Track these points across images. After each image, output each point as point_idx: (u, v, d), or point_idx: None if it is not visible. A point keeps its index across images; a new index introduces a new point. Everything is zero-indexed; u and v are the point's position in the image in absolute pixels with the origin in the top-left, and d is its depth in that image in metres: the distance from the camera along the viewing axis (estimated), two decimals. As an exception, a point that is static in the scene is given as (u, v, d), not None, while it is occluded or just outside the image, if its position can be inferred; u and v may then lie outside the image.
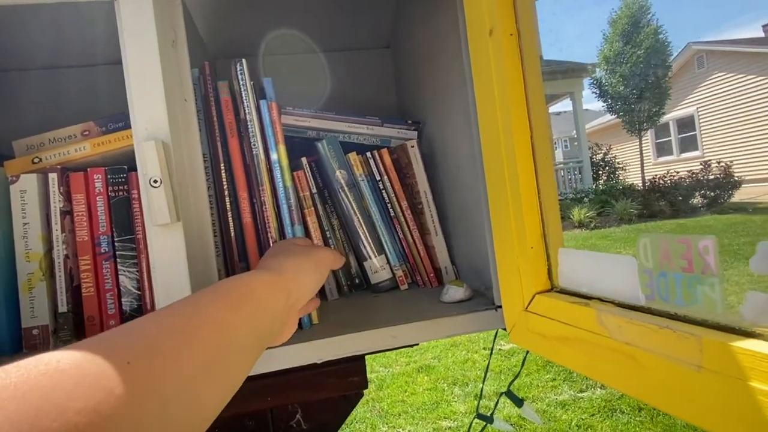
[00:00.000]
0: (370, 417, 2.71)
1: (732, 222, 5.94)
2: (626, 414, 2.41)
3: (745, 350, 0.25)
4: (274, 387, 0.66)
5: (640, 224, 7.29)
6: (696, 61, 13.17)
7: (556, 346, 0.42)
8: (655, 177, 12.70)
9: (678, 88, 13.14)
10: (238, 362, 0.32)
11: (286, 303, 0.39)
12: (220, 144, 0.59)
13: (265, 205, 0.57)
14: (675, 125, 13.89)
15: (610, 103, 12.72)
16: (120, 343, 0.24)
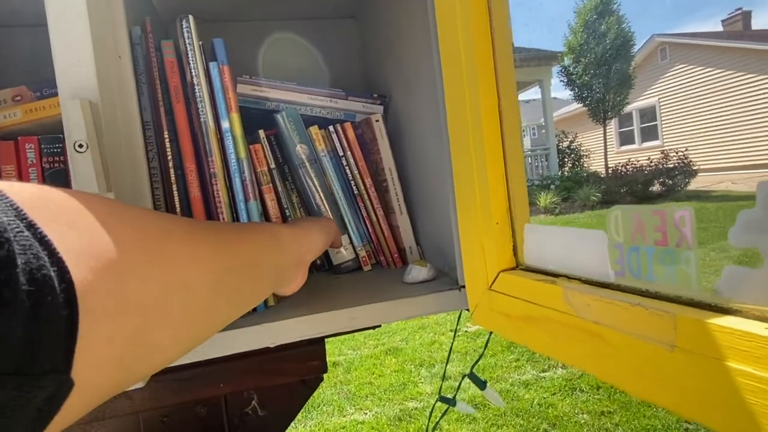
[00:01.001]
0: (337, 399, 2.71)
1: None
2: (585, 392, 2.50)
3: (722, 328, 0.23)
4: (228, 373, 0.62)
5: (602, 210, 7.52)
6: (659, 52, 13.56)
7: (520, 326, 0.39)
8: (618, 165, 13.12)
9: (641, 78, 13.52)
10: (259, 289, 0.36)
11: (299, 251, 0.43)
12: (164, 110, 0.54)
13: (215, 178, 0.53)
14: (637, 115, 14.33)
15: (577, 91, 12.99)
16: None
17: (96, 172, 0.38)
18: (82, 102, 0.39)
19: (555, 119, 14.72)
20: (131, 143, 0.45)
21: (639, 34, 16.45)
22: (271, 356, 0.64)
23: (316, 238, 0.47)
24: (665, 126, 13.51)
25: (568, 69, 12.96)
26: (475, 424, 2.29)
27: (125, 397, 0.59)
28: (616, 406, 2.33)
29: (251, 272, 0.34)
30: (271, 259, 0.38)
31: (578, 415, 2.30)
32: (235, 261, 0.32)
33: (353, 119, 0.74)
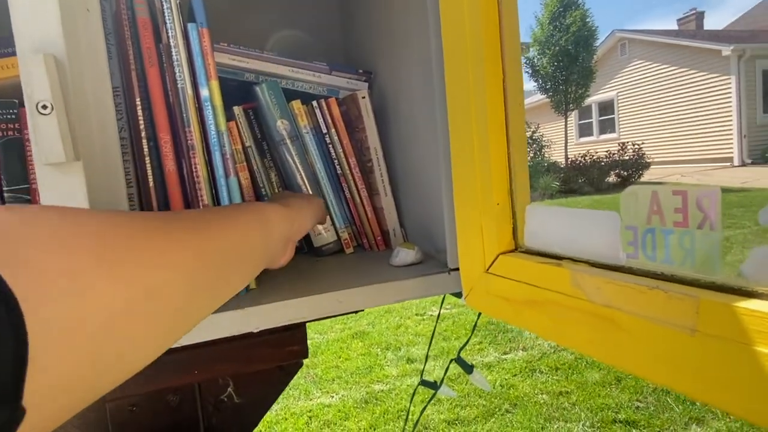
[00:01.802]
0: (303, 383, 2.69)
1: (641, 199, 6.48)
2: (545, 373, 2.59)
3: (750, 311, 0.22)
4: (202, 359, 0.59)
5: (561, 199, 7.77)
6: (619, 47, 13.99)
7: (520, 309, 0.39)
8: (577, 156, 13.55)
9: (602, 72, 13.94)
10: (244, 274, 0.36)
11: (290, 230, 0.43)
12: (136, 75, 0.49)
13: (193, 150, 0.49)
14: (597, 108, 14.80)
15: (541, 83, 13.26)
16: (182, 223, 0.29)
17: (62, 136, 0.34)
18: (46, 57, 0.34)
19: (519, 109, 14.90)
20: (101, 107, 0.40)
21: (601, 28, 16.99)
22: (249, 342, 0.61)
23: (306, 219, 0.47)
24: (622, 119, 14.03)
25: (533, 60, 13.19)
26: (440, 405, 2.34)
27: (90, 386, 0.55)
28: (573, 387, 2.43)
29: (235, 259, 0.33)
30: (258, 242, 0.37)
31: (538, 395, 2.38)
32: (217, 251, 0.31)
33: (336, 95, 0.71)
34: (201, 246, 0.29)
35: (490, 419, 2.21)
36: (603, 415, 2.15)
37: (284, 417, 2.37)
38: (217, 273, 0.30)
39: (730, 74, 10.57)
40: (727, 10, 47.35)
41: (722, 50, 10.55)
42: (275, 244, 0.40)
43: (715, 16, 50.77)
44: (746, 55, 10.37)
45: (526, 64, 13.40)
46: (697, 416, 2.10)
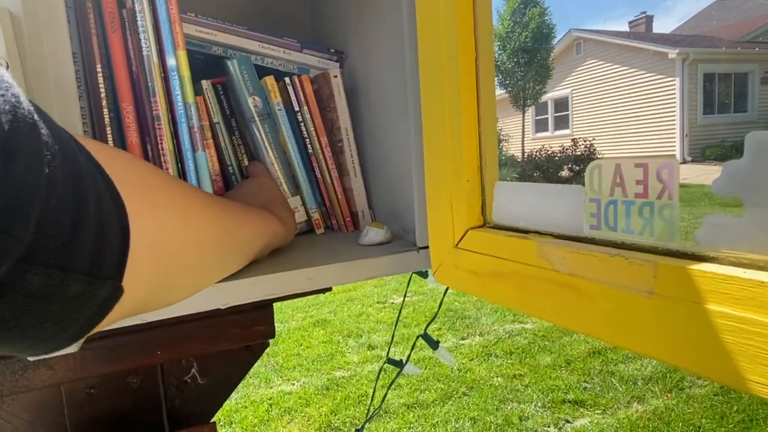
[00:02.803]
0: (264, 372, 2.67)
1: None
2: (500, 357, 2.69)
3: (703, 273, 0.25)
4: (165, 339, 0.58)
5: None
6: (575, 46, 14.48)
7: (487, 282, 0.40)
8: (533, 150, 13.96)
9: (558, 69, 14.40)
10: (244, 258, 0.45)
11: (280, 243, 0.54)
12: (97, 41, 0.47)
13: (159, 122, 0.47)
14: (552, 104, 15.29)
15: (501, 78, 13.54)
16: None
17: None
18: (2, 12, 0.32)
19: (479, 102, 15.18)
20: (60, 72, 0.38)
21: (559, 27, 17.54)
22: (214, 321, 0.60)
23: (291, 234, 0.57)
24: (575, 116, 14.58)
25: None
26: (400, 390, 2.38)
27: (45, 367, 0.52)
28: (527, 369, 2.54)
29: (245, 246, 0.42)
30: (259, 243, 0.46)
31: (493, 378, 2.48)
32: (235, 236, 0.39)
33: (307, 74, 0.70)
34: (227, 227, 0.37)
35: (447, 402, 2.27)
36: (553, 396, 2.27)
37: (244, 405, 2.34)
38: (232, 252, 0.39)
39: (675, 76, 11.18)
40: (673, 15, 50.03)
41: (668, 53, 11.15)
42: (266, 250, 0.50)
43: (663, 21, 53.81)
44: (690, 59, 11.01)
45: (486, 59, 13.63)
46: (639, 395, 2.25)
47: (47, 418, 0.56)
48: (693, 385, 2.29)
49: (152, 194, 0.28)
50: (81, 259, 0.20)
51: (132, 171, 0.27)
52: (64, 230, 0.19)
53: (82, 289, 0.21)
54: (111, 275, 0.22)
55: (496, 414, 2.16)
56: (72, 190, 0.20)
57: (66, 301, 0.20)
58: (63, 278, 0.20)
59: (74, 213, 0.20)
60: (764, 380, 0.22)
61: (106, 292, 0.22)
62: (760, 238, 0.24)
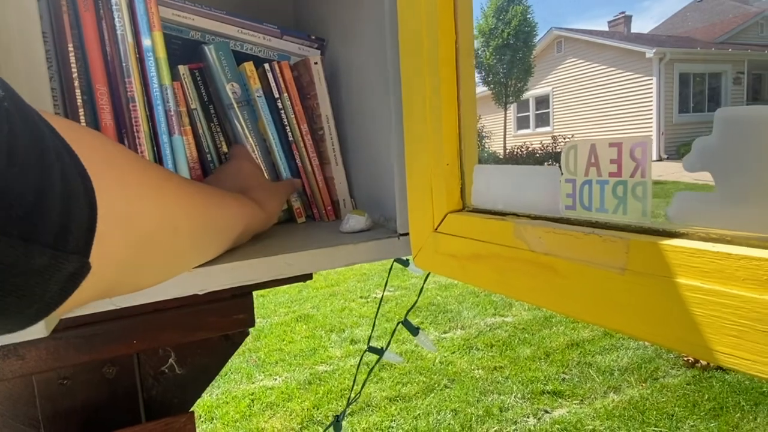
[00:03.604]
0: (246, 367, 2.64)
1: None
2: (481, 350, 2.72)
3: (673, 247, 0.25)
4: (141, 328, 0.57)
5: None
6: (556, 45, 14.66)
7: (466, 265, 0.40)
8: (514, 147, 14.09)
9: (540, 68, 14.57)
10: (221, 248, 0.45)
11: (260, 228, 0.54)
12: (69, 19, 0.45)
13: (134, 103, 0.46)
14: (534, 102, 15.48)
15: (484, 75, 13.64)
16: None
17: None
18: (-35, -18, 0.31)
19: (462, 99, 15.28)
20: (29, 51, 0.37)
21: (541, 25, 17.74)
22: (193, 310, 0.59)
23: (272, 217, 0.57)
24: (556, 113, 14.78)
25: (477, 52, 13.51)
26: (382, 383, 2.39)
27: (15, 357, 0.51)
28: (507, 362, 2.58)
29: (222, 230, 0.42)
30: (238, 227, 0.46)
31: (474, 370, 2.50)
32: (211, 221, 0.38)
33: (287, 61, 0.69)
34: (202, 211, 0.37)
35: (429, 394, 2.29)
36: (533, 387, 2.30)
37: (225, 401, 2.32)
38: (206, 238, 0.38)
39: (652, 75, 11.42)
40: (651, 16, 51.10)
41: (646, 52, 11.37)
42: (245, 235, 0.49)
43: (641, 21, 54.90)
44: (666, 58, 11.25)
45: (469, 55, 13.70)
46: (615, 385, 2.30)
47: (19, 409, 0.54)
48: (667, 375, 2.36)
49: (121, 173, 0.27)
50: (45, 232, 0.20)
51: (100, 150, 0.27)
52: (25, 200, 0.19)
53: (46, 263, 0.20)
54: (77, 250, 0.22)
55: (477, 405, 2.19)
56: (34, 162, 0.20)
57: (30, 274, 0.20)
58: (26, 249, 0.19)
59: (37, 184, 0.20)
60: (730, 350, 0.23)
61: (72, 268, 0.22)
62: (728, 213, 0.24)
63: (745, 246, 0.23)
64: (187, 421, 0.56)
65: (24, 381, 0.53)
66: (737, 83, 12.22)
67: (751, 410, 2.03)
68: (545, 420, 2.07)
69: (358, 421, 2.10)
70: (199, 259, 0.41)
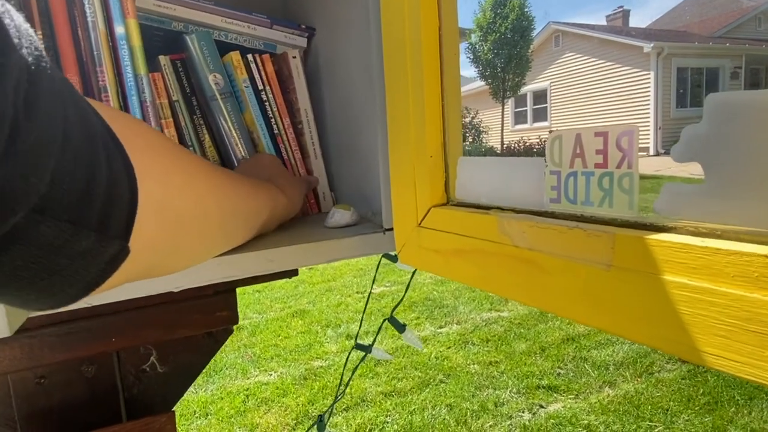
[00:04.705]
0: (241, 363, 2.63)
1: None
2: (476, 345, 2.71)
3: (660, 242, 0.24)
4: (121, 326, 0.55)
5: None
6: (554, 39, 14.60)
7: (449, 260, 0.39)
8: (512, 142, 14.05)
9: (537, 62, 14.51)
10: (247, 235, 0.44)
11: (285, 218, 0.54)
12: (37, 5, 0.44)
13: (106, 93, 0.44)
14: (531, 97, 15.44)
15: (481, 69, 13.59)
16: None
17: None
18: None
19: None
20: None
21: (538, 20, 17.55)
22: (174, 307, 0.58)
23: (297, 208, 0.57)
24: (553, 108, 14.75)
25: (474, 46, 13.46)
26: (377, 379, 2.38)
27: (-13, 356, 0.49)
28: (502, 357, 2.57)
29: (251, 220, 0.42)
30: (265, 216, 0.46)
31: (470, 365, 2.50)
32: (239, 207, 0.39)
33: (273, 50, 0.67)
34: (236, 195, 0.38)
35: (425, 389, 2.29)
36: (528, 382, 2.30)
37: (220, 396, 2.31)
38: (237, 222, 0.39)
39: (650, 70, 11.39)
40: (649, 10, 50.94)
41: (644, 47, 11.34)
42: (272, 222, 0.49)
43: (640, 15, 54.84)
44: (664, 53, 11.22)
45: (468, 50, 13.65)
46: (610, 380, 2.30)
47: (-7, 409, 0.53)
48: (662, 370, 2.36)
49: (159, 159, 0.28)
50: (91, 216, 0.21)
51: (140, 136, 0.28)
52: (77, 186, 0.20)
53: (90, 246, 0.21)
54: (119, 235, 0.23)
55: (472, 400, 2.18)
56: (86, 149, 0.21)
57: (75, 256, 0.21)
58: (74, 233, 0.20)
59: (87, 171, 0.21)
60: (718, 351, 0.22)
61: (113, 251, 0.23)
62: (718, 206, 0.23)
63: (735, 241, 0.22)
64: (167, 421, 0.54)
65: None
66: (735, 78, 12.21)
67: (745, 404, 2.03)
68: (540, 415, 2.07)
69: (353, 417, 2.09)
70: (227, 244, 0.41)
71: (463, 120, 15.01)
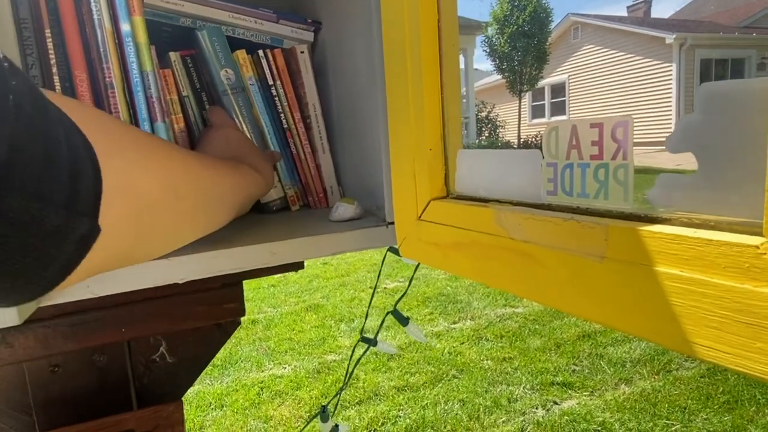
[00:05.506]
0: (256, 356, 2.67)
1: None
2: (490, 341, 2.70)
3: (652, 233, 0.23)
4: (131, 316, 0.56)
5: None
6: (572, 31, 14.33)
7: (448, 253, 0.39)
8: (529, 136, 13.87)
9: (556, 55, 14.27)
10: (228, 211, 0.43)
11: (261, 194, 0.53)
12: (46, 6, 0.45)
13: (113, 89, 0.45)
14: (549, 90, 15.20)
15: (498, 62, 13.42)
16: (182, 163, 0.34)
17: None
18: None
19: (476, 90, 15.17)
20: (4, 39, 0.36)
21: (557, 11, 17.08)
22: (181, 299, 0.59)
23: (270, 183, 0.56)
24: (572, 102, 14.50)
25: (491, 39, 13.29)
26: (390, 373, 2.39)
27: (3, 345, 0.51)
28: (516, 353, 2.56)
29: (227, 199, 0.41)
30: (242, 194, 0.45)
31: (483, 361, 2.49)
32: (211, 187, 0.38)
33: (280, 45, 0.67)
34: (206, 174, 0.37)
35: (437, 384, 2.29)
36: (542, 378, 2.28)
37: (235, 389, 2.35)
38: (213, 203, 0.38)
39: (672, 61, 11.11)
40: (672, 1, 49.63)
41: (666, 38, 11.06)
42: (248, 202, 0.49)
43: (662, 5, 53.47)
44: (687, 44, 10.92)
45: (484, 43, 13.50)
46: (626, 377, 2.27)
47: (11, 397, 0.55)
48: (680, 368, 2.31)
49: (117, 142, 0.28)
50: (57, 191, 0.20)
51: (94, 120, 0.27)
52: (37, 159, 0.19)
53: (60, 222, 0.21)
54: (87, 213, 0.22)
55: (485, 396, 2.18)
56: (41, 123, 0.20)
57: (45, 234, 0.21)
58: (41, 208, 0.20)
59: (45, 145, 0.20)
60: (709, 343, 0.21)
61: (84, 230, 0.22)
62: (712, 196, 0.23)
63: (728, 232, 0.21)
64: (174, 409, 0.56)
65: (15, 369, 0.54)
66: (762, 69, 11.83)
67: (767, 404, 1.98)
68: (554, 411, 2.05)
69: (366, 410, 2.11)
70: (207, 226, 0.40)
71: (479, 114, 14.89)
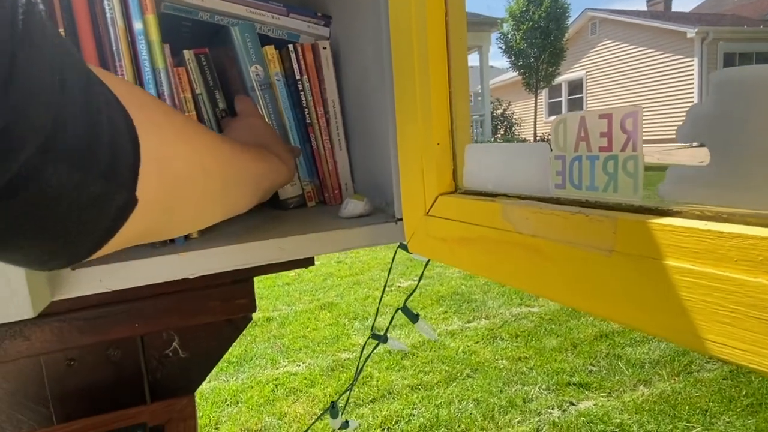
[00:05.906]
0: (270, 353, 2.70)
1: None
2: (505, 340, 2.68)
3: (662, 226, 0.23)
4: (144, 312, 0.57)
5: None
6: (590, 26, 14.10)
7: (454, 248, 0.38)
8: (545, 134, 13.68)
9: (572, 51, 14.05)
10: (253, 196, 0.43)
11: (282, 183, 0.51)
12: (60, 2, 0.46)
13: (124, 87, 0.46)
14: (566, 87, 14.98)
15: (514, 59, 13.29)
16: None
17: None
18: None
19: (491, 87, 15.04)
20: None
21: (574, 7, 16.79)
22: (193, 294, 0.60)
23: (292, 174, 0.55)
24: (590, 99, 14.27)
25: (506, 36, 13.16)
26: (404, 372, 2.39)
27: (21, 338, 0.52)
28: (532, 352, 2.53)
29: (251, 183, 0.41)
30: (266, 181, 0.45)
31: (498, 360, 2.47)
32: (238, 168, 0.38)
33: (296, 40, 0.68)
34: (234, 155, 0.37)
35: (452, 383, 2.28)
36: (558, 379, 2.25)
37: (250, 385, 2.38)
38: (239, 186, 0.39)
39: (693, 56, 10.85)
40: (694, -6, 48.20)
41: (687, 32, 10.80)
42: (271, 189, 0.48)
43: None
44: (709, 38, 10.65)
45: (499, 40, 13.37)
46: (645, 378, 2.23)
47: (28, 389, 0.56)
48: (701, 369, 2.26)
49: (154, 116, 0.28)
50: (98, 163, 0.21)
51: (132, 94, 0.27)
52: (79, 130, 0.20)
53: (101, 192, 0.21)
54: (126, 184, 0.23)
55: (500, 396, 2.16)
56: (84, 95, 0.21)
57: (86, 204, 0.21)
58: (83, 177, 0.20)
59: (88, 116, 0.20)
60: (721, 339, 0.21)
61: (121, 200, 0.23)
62: (725, 187, 0.22)
63: (741, 224, 0.20)
64: (187, 403, 0.56)
65: (32, 362, 0.55)
66: (788, 63, 11.47)
67: (792, 408, 1.92)
68: (570, 412, 2.02)
69: (380, 408, 2.11)
70: (232, 207, 0.40)
71: (495, 112, 14.73)
